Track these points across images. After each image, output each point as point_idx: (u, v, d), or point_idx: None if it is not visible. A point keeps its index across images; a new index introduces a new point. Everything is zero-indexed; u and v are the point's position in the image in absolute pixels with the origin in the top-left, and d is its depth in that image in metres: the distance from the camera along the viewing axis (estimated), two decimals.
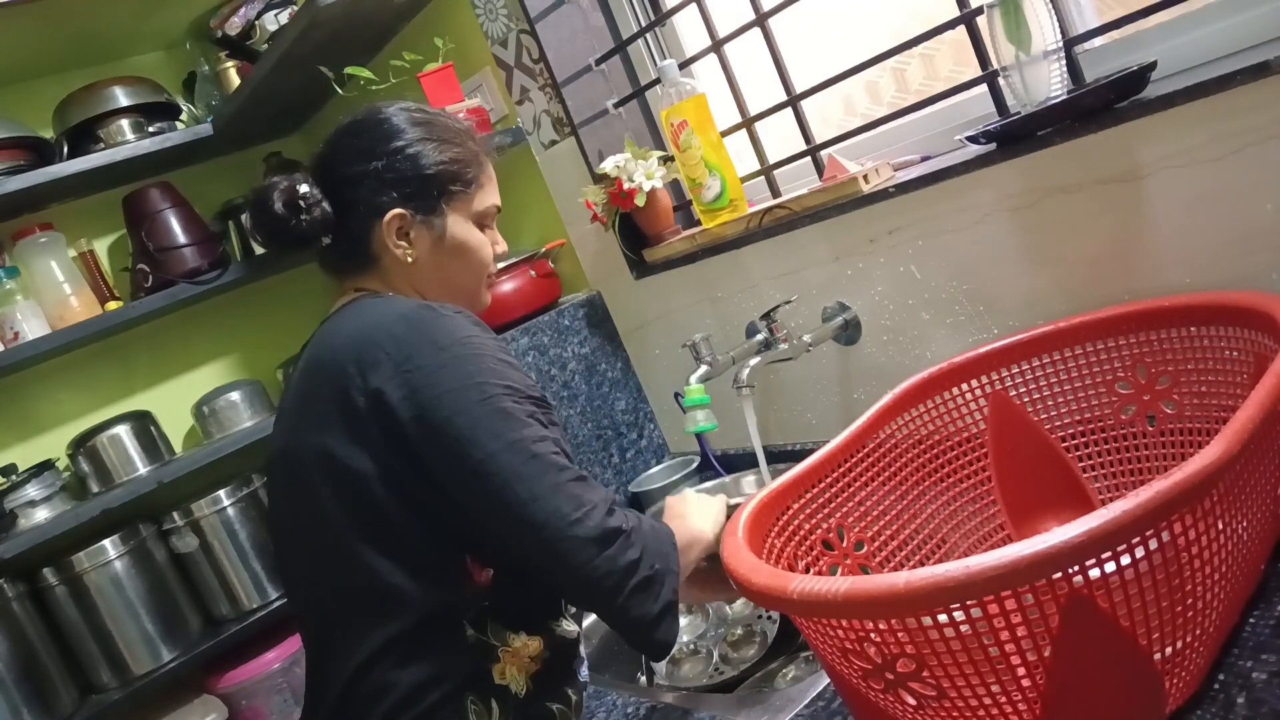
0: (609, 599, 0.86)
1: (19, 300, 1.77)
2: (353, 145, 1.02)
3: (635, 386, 1.74)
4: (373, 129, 1.02)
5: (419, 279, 1.04)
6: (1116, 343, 0.94)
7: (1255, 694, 0.64)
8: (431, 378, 0.87)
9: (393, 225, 1.00)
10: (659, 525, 0.94)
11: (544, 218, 1.78)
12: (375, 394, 0.88)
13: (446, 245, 1.04)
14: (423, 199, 1.01)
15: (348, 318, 0.97)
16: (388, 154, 1.00)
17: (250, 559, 1.85)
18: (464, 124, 1.08)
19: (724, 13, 1.43)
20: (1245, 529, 0.64)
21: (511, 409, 0.87)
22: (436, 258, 1.04)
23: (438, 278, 1.05)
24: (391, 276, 1.03)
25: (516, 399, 0.89)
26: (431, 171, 1.01)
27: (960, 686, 0.61)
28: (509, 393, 0.88)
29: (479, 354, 0.90)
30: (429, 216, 1.02)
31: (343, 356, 0.91)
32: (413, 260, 1.02)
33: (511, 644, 0.92)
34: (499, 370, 0.90)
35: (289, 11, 1.86)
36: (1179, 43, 1.02)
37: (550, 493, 0.85)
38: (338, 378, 0.91)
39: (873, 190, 1.22)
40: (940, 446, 1.00)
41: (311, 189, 1.00)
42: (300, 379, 0.98)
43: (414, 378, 0.87)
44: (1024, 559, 0.53)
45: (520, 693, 0.91)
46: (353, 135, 1.03)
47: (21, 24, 1.75)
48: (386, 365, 0.88)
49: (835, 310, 1.34)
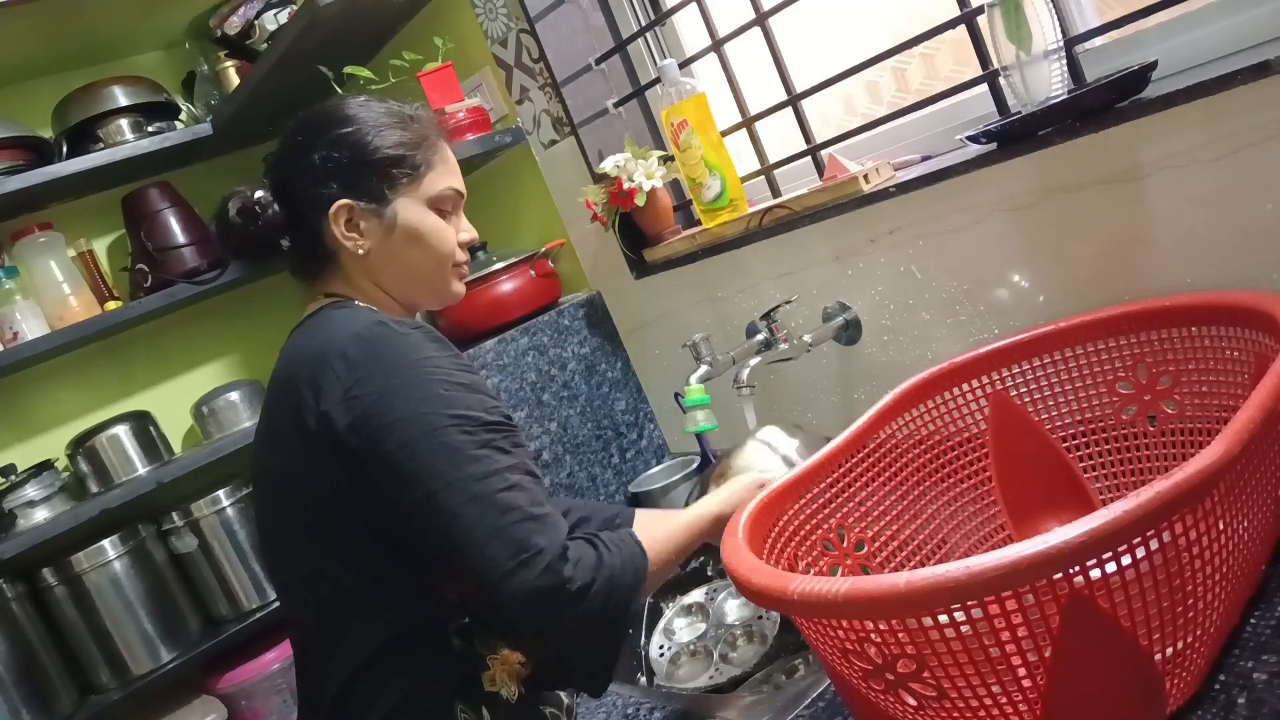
0: (548, 637, 0.84)
1: (18, 300, 1.77)
2: (295, 142, 0.99)
3: (635, 386, 1.74)
4: (311, 122, 1.00)
5: (377, 272, 1.01)
6: (1117, 343, 0.94)
7: (1256, 694, 0.64)
8: (378, 405, 0.85)
9: (339, 216, 0.97)
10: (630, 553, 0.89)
11: (544, 218, 1.78)
12: (324, 417, 0.86)
13: (399, 233, 0.99)
14: (367, 187, 0.98)
15: (308, 333, 0.96)
16: (327, 144, 0.97)
17: (250, 559, 1.85)
18: (411, 107, 1.04)
19: (724, 12, 1.42)
20: (1246, 529, 0.64)
21: (459, 442, 0.83)
22: (390, 247, 0.99)
23: (395, 268, 1.01)
24: (352, 273, 1.01)
25: (467, 428, 0.84)
26: (373, 158, 0.98)
27: (961, 687, 0.61)
28: (458, 422, 0.84)
29: (430, 379, 0.86)
30: (376, 205, 0.98)
31: (298, 376, 0.90)
32: (365, 252, 0.98)
33: (500, 651, 0.91)
34: (450, 397, 0.85)
35: (288, 11, 1.86)
36: (1179, 42, 1.02)
37: (487, 539, 0.81)
38: (293, 397, 0.89)
39: (873, 190, 1.22)
40: (940, 447, 1.00)
41: (265, 193, 0.99)
42: (268, 395, 0.97)
43: (360, 404, 0.85)
44: (1024, 559, 0.53)
45: (512, 698, 0.91)
46: (294, 132, 1.00)
47: (21, 24, 1.75)
48: (335, 389, 0.86)
49: (835, 310, 1.34)
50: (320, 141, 0.98)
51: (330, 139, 0.98)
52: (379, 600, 0.89)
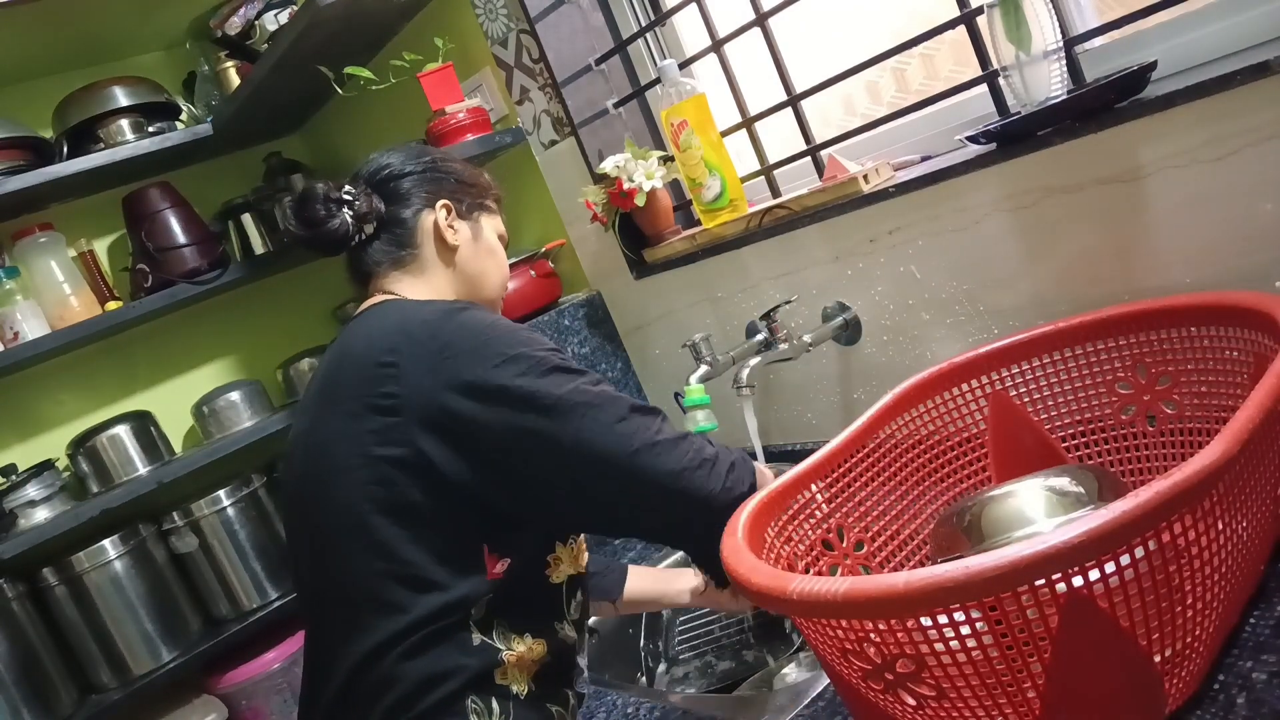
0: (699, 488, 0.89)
1: (19, 300, 1.77)
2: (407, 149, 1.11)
3: (635, 387, 1.74)
4: (404, 148, 1.12)
5: (457, 270, 1.09)
6: (1116, 343, 0.94)
7: (1255, 694, 0.64)
8: (474, 356, 0.90)
9: (445, 209, 1.08)
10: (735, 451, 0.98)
11: (544, 218, 1.78)
12: (415, 383, 0.90)
13: (483, 243, 1.12)
14: (464, 199, 1.11)
15: (377, 316, 0.99)
16: (428, 164, 1.10)
17: (250, 559, 1.85)
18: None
19: (724, 13, 1.43)
20: (1245, 529, 0.64)
21: (561, 363, 0.92)
22: (474, 250, 1.11)
23: (473, 270, 1.10)
24: (429, 268, 1.08)
25: (561, 358, 0.94)
26: (471, 181, 1.13)
27: (960, 687, 0.61)
28: (552, 353, 0.93)
29: (513, 330, 0.94)
30: (468, 216, 1.11)
31: (376, 348, 0.93)
32: (458, 245, 1.08)
33: (516, 648, 0.92)
34: (536, 339, 0.94)
35: (289, 11, 1.86)
36: (1179, 43, 1.02)
37: (629, 412, 0.90)
38: (369, 369, 0.92)
39: (873, 190, 1.22)
40: (940, 446, 1.00)
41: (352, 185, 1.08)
42: (328, 369, 1.00)
43: (455, 363, 0.90)
44: (1024, 559, 0.53)
45: (521, 693, 0.92)
46: (403, 146, 1.12)
47: (21, 24, 1.75)
48: (425, 357, 0.91)
49: (835, 310, 1.34)
50: (428, 157, 1.11)
51: (437, 159, 1.12)
52: (423, 575, 0.90)
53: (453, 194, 1.10)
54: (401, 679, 0.88)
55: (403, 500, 0.90)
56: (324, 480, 0.94)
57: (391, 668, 0.89)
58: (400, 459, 0.90)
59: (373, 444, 0.90)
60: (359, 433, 0.91)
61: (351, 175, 1.11)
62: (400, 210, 1.08)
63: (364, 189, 1.07)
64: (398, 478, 0.90)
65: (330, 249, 1.07)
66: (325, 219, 1.04)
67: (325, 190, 1.05)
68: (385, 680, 0.89)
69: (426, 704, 0.88)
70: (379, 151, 1.13)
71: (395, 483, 0.90)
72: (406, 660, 0.89)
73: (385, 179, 1.09)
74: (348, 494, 0.92)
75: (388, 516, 0.90)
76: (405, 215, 1.07)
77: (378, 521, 0.90)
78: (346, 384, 0.95)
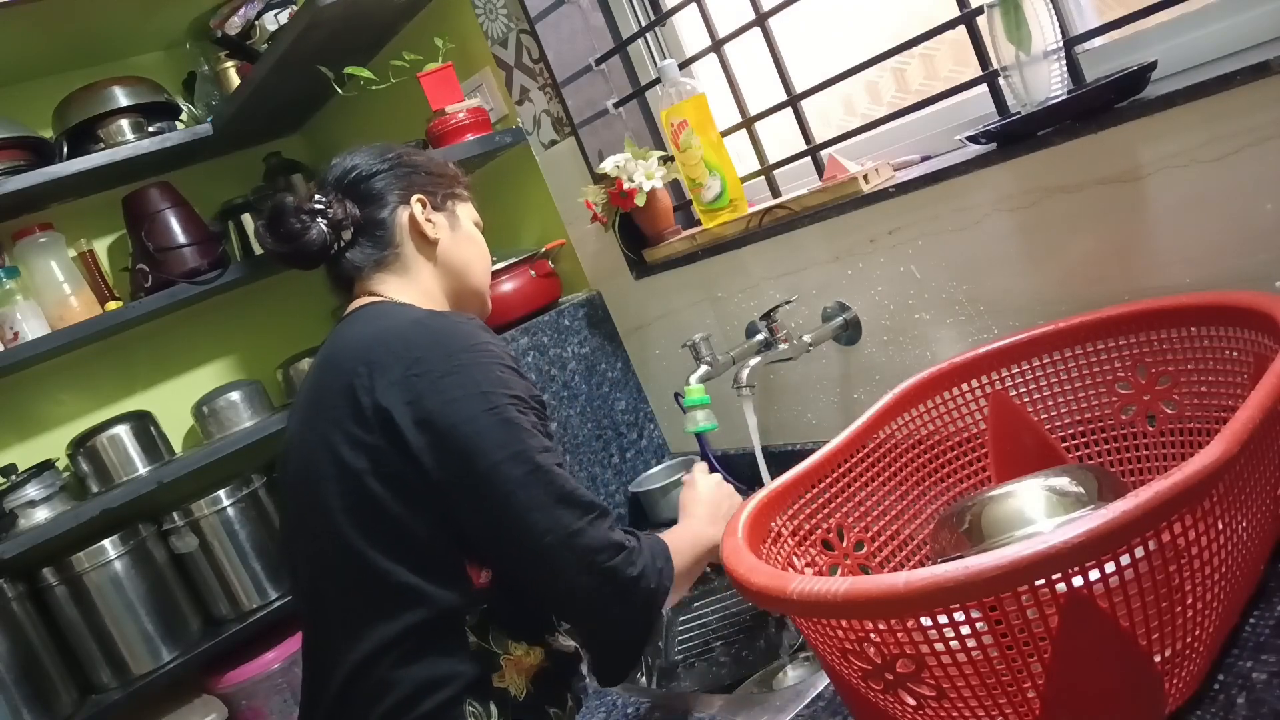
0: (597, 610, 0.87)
1: (19, 300, 1.77)
2: (374, 150, 1.10)
3: (635, 386, 1.74)
4: (367, 148, 1.11)
5: (439, 263, 1.08)
6: (1116, 343, 0.94)
7: (1255, 694, 0.64)
8: (439, 384, 0.88)
9: (420, 203, 1.08)
10: (656, 542, 0.95)
11: (544, 218, 1.78)
12: (380, 395, 0.89)
13: (462, 232, 1.12)
14: (436, 192, 1.10)
15: (361, 321, 0.99)
16: (395, 160, 1.09)
17: (250, 559, 1.85)
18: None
19: (724, 13, 1.42)
20: (1245, 529, 0.64)
21: (516, 419, 0.89)
22: (455, 240, 1.11)
23: (456, 260, 1.10)
24: (411, 266, 1.07)
25: (521, 408, 0.90)
26: (440, 172, 1.12)
27: (960, 687, 0.61)
28: (514, 402, 0.90)
29: (487, 363, 0.91)
30: (443, 207, 1.11)
31: (354, 355, 0.93)
32: (438, 238, 1.08)
33: (513, 652, 0.92)
34: (506, 379, 0.91)
35: (289, 11, 1.86)
36: (1179, 43, 1.02)
37: (555, 502, 0.86)
38: (347, 376, 0.92)
39: (873, 190, 1.22)
40: (940, 446, 1.00)
41: (321, 195, 1.05)
42: (314, 374, 1.00)
43: (421, 383, 0.88)
44: (1024, 559, 0.53)
45: (520, 696, 0.92)
46: (369, 147, 1.11)
47: (21, 24, 1.75)
48: (395, 368, 0.90)
49: (835, 310, 1.34)
50: (393, 153, 1.10)
51: (402, 154, 1.11)
52: (407, 585, 0.89)
53: (425, 187, 1.09)
54: (398, 684, 0.88)
55: (377, 510, 0.90)
56: (312, 487, 0.94)
57: (387, 673, 0.89)
58: (372, 470, 0.89)
59: (347, 454, 0.90)
60: (336, 442, 0.91)
61: (318, 182, 1.09)
62: (376, 211, 1.06)
63: (335, 195, 1.05)
64: (371, 488, 0.90)
65: (309, 262, 1.05)
66: (302, 231, 1.02)
67: (296, 202, 1.03)
68: (382, 685, 0.89)
69: (424, 708, 0.88)
70: (340, 155, 1.10)
71: (369, 493, 0.90)
72: (402, 666, 0.89)
73: (355, 181, 1.07)
74: (330, 501, 0.92)
75: (363, 526, 0.90)
76: (382, 215, 1.06)
77: (355, 531, 0.91)
78: (327, 390, 0.95)
